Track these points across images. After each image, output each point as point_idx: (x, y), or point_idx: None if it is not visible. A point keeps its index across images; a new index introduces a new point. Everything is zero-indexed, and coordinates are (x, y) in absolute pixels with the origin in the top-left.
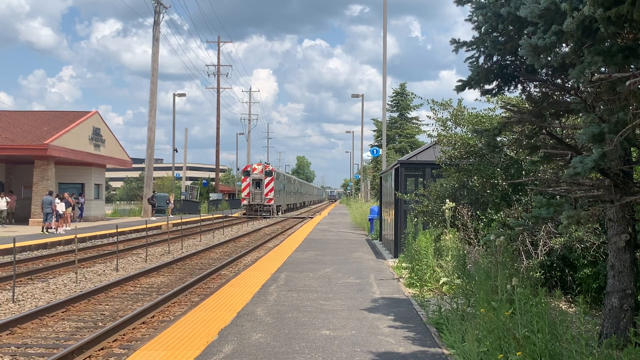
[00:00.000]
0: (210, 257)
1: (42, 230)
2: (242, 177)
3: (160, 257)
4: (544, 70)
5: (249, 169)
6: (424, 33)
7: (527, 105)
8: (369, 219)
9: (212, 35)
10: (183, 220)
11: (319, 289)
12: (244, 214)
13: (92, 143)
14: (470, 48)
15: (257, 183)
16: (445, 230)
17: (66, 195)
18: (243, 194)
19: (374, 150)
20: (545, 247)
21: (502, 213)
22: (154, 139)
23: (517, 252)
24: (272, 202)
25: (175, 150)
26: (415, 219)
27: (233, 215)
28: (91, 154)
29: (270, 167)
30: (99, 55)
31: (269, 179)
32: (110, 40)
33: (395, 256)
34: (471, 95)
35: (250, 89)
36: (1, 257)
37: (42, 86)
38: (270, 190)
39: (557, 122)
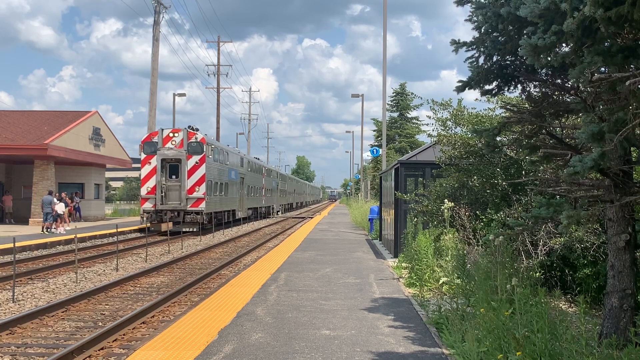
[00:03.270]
0: (210, 257)
1: (42, 230)
2: (143, 157)
3: (160, 257)
4: (544, 70)
5: (155, 138)
6: (424, 33)
7: (527, 105)
8: (369, 219)
9: (212, 35)
10: None
11: (318, 289)
12: (141, 230)
13: (92, 143)
14: (470, 48)
15: (173, 168)
16: (445, 230)
17: (64, 195)
18: (143, 190)
19: (374, 150)
20: (545, 247)
21: (502, 213)
22: None
23: (517, 252)
24: (201, 206)
25: None
26: (415, 219)
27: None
28: (91, 154)
29: (200, 137)
30: (99, 54)
31: (196, 159)
32: (110, 40)
33: (395, 256)
34: (471, 95)
35: (250, 88)
36: (1, 257)
37: (42, 86)
38: (199, 183)
39: (557, 122)
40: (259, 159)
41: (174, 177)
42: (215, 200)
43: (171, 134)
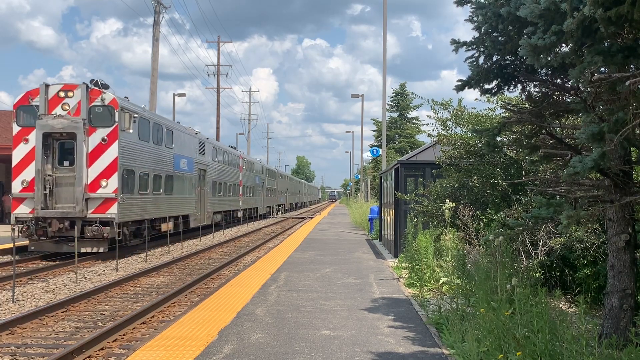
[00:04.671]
0: (210, 257)
1: None
2: (17, 131)
3: (160, 257)
4: (543, 70)
5: (35, 100)
6: (424, 32)
7: (527, 105)
8: (369, 219)
9: (212, 35)
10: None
11: (318, 289)
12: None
13: None
14: (470, 48)
15: (64, 148)
16: (445, 230)
17: None
18: (17, 185)
19: (374, 150)
20: (545, 247)
21: (502, 213)
22: None
23: (517, 252)
24: (111, 211)
25: None
26: (415, 219)
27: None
28: None
29: (109, 97)
30: (99, 54)
31: (103, 134)
32: (110, 40)
33: (395, 256)
34: (471, 95)
35: (250, 88)
36: (1, 256)
37: None
38: (107, 173)
39: (557, 122)
40: (235, 147)
41: (66, 163)
42: (145, 201)
43: (62, 93)
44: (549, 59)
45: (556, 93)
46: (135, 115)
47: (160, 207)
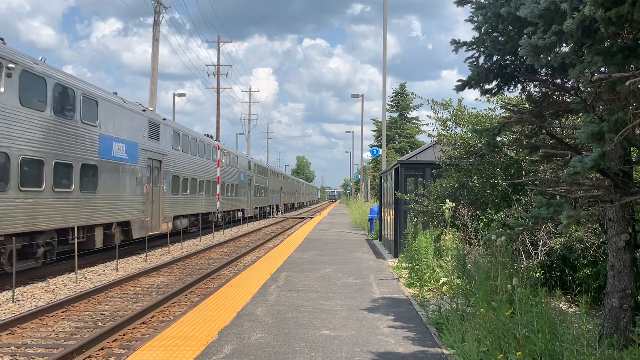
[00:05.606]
0: (210, 257)
1: None
2: None
3: (160, 257)
4: (543, 70)
5: None
6: (424, 32)
7: (527, 105)
8: (369, 219)
9: (212, 35)
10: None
11: (318, 289)
12: None
13: None
14: (470, 48)
15: None
16: (445, 230)
17: None
18: None
19: (374, 150)
20: (545, 247)
21: (502, 213)
22: None
23: (517, 252)
24: None
25: None
26: (415, 219)
27: None
28: None
29: None
30: (99, 54)
31: None
32: (110, 40)
33: (395, 256)
34: (471, 95)
35: (250, 88)
36: None
37: None
38: None
39: (557, 122)
40: (212, 137)
41: None
42: (35, 203)
43: None
44: (549, 59)
45: (556, 93)
46: (11, 65)
47: (72, 211)
